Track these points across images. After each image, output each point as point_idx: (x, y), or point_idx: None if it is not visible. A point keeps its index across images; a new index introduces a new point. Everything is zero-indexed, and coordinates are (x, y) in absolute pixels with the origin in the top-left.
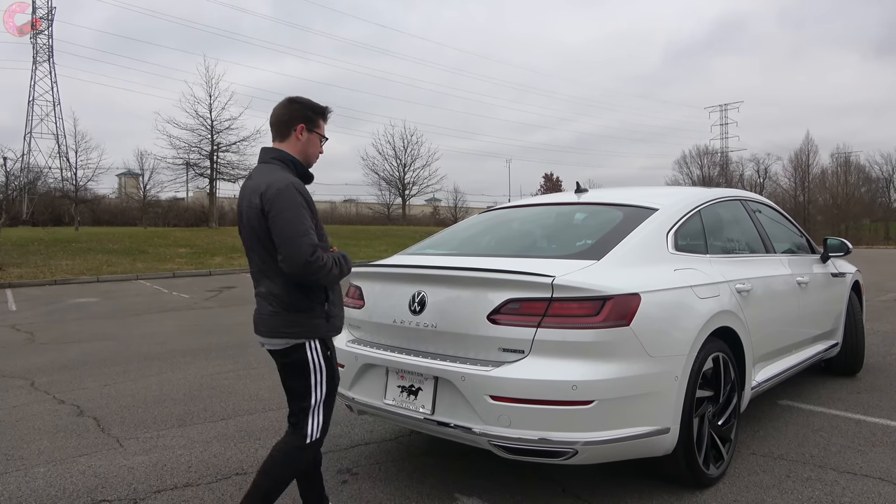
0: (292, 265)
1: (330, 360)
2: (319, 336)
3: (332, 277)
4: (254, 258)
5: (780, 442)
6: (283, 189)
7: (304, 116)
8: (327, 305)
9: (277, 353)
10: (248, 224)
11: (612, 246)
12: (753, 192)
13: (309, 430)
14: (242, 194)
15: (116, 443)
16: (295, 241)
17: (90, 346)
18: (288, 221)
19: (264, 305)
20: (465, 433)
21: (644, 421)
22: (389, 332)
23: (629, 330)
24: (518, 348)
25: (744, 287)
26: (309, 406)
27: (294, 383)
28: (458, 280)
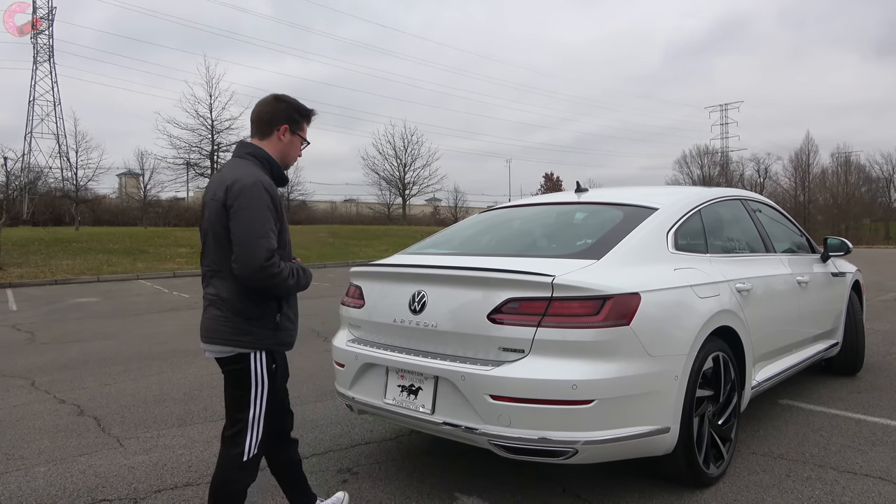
0: (245, 268)
1: (274, 375)
2: (266, 348)
3: (287, 288)
4: (208, 255)
5: (781, 441)
6: (249, 186)
7: (289, 117)
8: (279, 317)
9: (222, 360)
10: (209, 218)
11: (612, 245)
12: (754, 192)
13: (247, 445)
14: (208, 187)
15: (117, 442)
16: (251, 243)
17: (91, 345)
18: (248, 220)
19: (211, 309)
20: (465, 433)
21: (644, 420)
22: (389, 331)
23: (629, 329)
24: (518, 347)
25: (744, 286)
26: (246, 419)
27: (233, 394)
28: (458, 279)
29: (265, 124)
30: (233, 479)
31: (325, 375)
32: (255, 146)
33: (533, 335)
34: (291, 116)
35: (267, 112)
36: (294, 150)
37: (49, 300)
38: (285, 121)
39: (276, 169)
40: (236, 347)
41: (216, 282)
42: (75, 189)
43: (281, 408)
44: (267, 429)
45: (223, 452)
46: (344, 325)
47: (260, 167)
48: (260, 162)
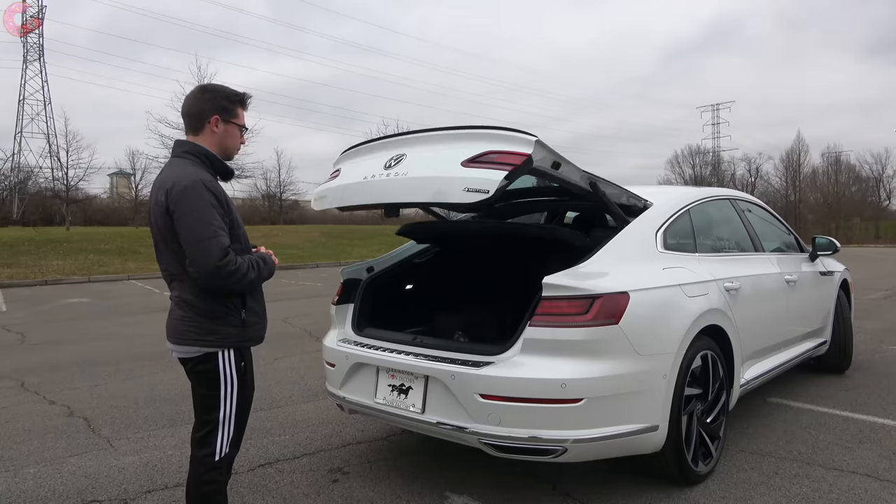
0: (200, 271)
1: (243, 373)
2: (233, 345)
3: (249, 282)
4: (163, 260)
5: (769, 439)
6: (189, 186)
7: (219, 106)
8: (244, 313)
9: (188, 361)
10: (155, 224)
11: (601, 244)
12: (743, 192)
13: (217, 445)
14: (151, 191)
15: (107, 443)
16: (202, 245)
17: (81, 346)
18: (194, 223)
19: (176, 310)
20: (456, 432)
21: (633, 419)
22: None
23: (618, 328)
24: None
25: (732, 285)
26: (216, 419)
27: (203, 394)
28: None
29: (195, 118)
30: (207, 481)
31: (317, 375)
32: (192, 143)
33: (521, 334)
34: (220, 105)
35: (194, 105)
36: (232, 140)
37: (39, 301)
38: (215, 111)
39: (217, 163)
40: (203, 347)
41: (177, 284)
42: (66, 189)
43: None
44: (239, 427)
45: (194, 454)
46: (334, 325)
47: (199, 164)
48: (199, 159)
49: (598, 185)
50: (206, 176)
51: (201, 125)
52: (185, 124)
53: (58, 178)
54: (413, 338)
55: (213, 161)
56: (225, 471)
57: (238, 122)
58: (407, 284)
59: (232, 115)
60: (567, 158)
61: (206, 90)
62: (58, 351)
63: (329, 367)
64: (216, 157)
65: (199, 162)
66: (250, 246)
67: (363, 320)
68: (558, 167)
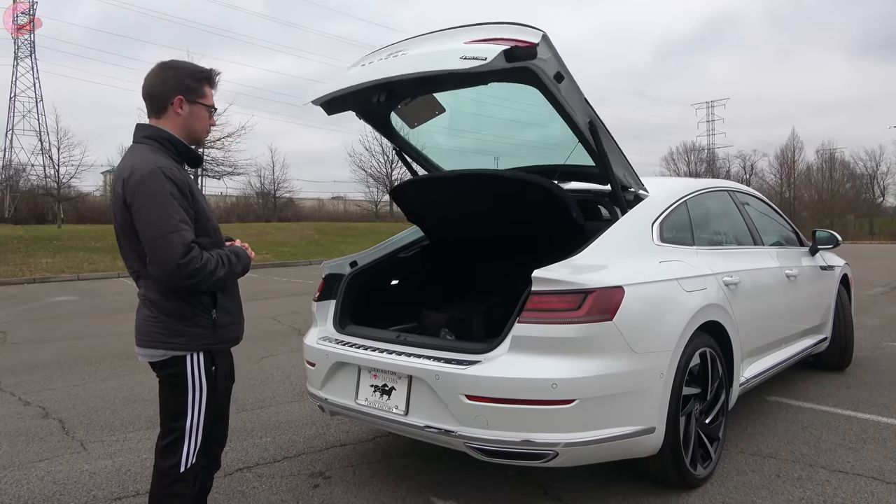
0: (161, 270)
1: (213, 378)
2: (203, 348)
3: (218, 280)
4: (127, 257)
5: (770, 440)
6: (146, 176)
7: (182, 86)
8: (215, 312)
9: (155, 364)
10: (116, 218)
11: (595, 236)
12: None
13: (184, 455)
14: (112, 182)
15: (80, 446)
16: (161, 241)
17: (63, 345)
18: (152, 216)
19: (142, 309)
20: (440, 435)
21: (628, 420)
22: None
23: (612, 325)
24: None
25: (731, 280)
26: (183, 427)
27: (169, 400)
28: None
29: (157, 100)
30: (171, 494)
31: (303, 374)
32: (153, 127)
33: (509, 331)
34: (184, 84)
35: (155, 85)
36: (199, 122)
37: (25, 299)
38: (178, 91)
39: (182, 149)
40: (170, 350)
41: (143, 282)
42: (57, 187)
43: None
44: (206, 436)
45: (157, 465)
46: (315, 323)
47: (161, 151)
48: (161, 144)
49: (597, 132)
50: (167, 163)
51: (164, 107)
52: (146, 106)
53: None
54: (397, 335)
55: (178, 146)
56: (191, 483)
57: (205, 102)
58: (392, 280)
59: (198, 94)
60: (573, 76)
61: (168, 67)
62: (38, 350)
63: (309, 366)
64: (181, 141)
65: (161, 148)
66: (222, 239)
67: (345, 317)
68: (561, 80)
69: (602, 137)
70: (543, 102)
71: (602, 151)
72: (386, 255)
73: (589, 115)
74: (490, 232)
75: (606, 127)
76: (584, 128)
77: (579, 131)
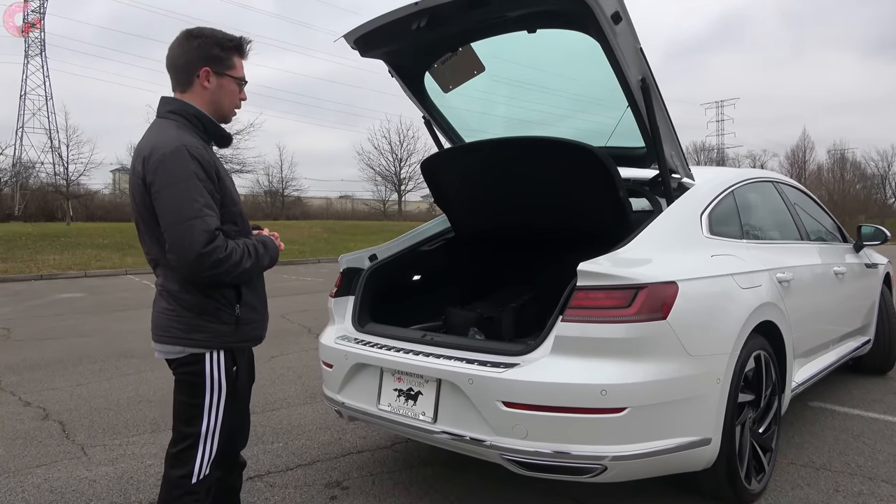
0: (181, 259)
1: (234, 380)
2: (224, 347)
3: (243, 273)
4: (144, 243)
5: (820, 450)
6: (169, 154)
7: (209, 56)
8: (239, 308)
9: (172, 362)
10: (135, 199)
11: (642, 227)
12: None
13: (196, 465)
14: (132, 160)
15: (80, 451)
16: (182, 227)
17: (68, 342)
18: (174, 200)
19: (160, 301)
20: (473, 445)
21: (682, 431)
22: None
23: (665, 324)
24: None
25: (784, 276)
26: (197, 434)
27: (184, 402)
28: None
29: (181, 72)
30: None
31: (315, 375)
32: (179, 101)
33: (552, 330)
34: (211, 54)
35: (179, 56)
36: (228, 96)
37: (31, 296)
38: (204, 62)
39: (210, 127)
40: (188, 347)
41: (161, 271)
42: (66, 184)
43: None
44: (222, 445)
45: (167, 474)
46: (332, 321)
47: (187, 128)
48: (187, 120)
49: (650, 94)
50: (193, 141)
51: (189, 80)
52: (170, 79)
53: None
54: (423, 335)
55: (206, 124)
56: (202, 496)
57: (234, 74)
58: (414, 275)
59: (226, 65)
60: (631, 19)
61: (193, 36)
62: (42, 348)
63: (326, 367)
64: (209, 118)
65: (188, 124)
66: (249, 227)
67: (365, 315)
68: (618, 21)
69: (654, 102)
70: (591, 66)
71: (653, 120)
72: (407, 249)
73: (642, 72)
74: (522, 218)
75: (660, 91)
76: (635, 87)
77: (630, 92)
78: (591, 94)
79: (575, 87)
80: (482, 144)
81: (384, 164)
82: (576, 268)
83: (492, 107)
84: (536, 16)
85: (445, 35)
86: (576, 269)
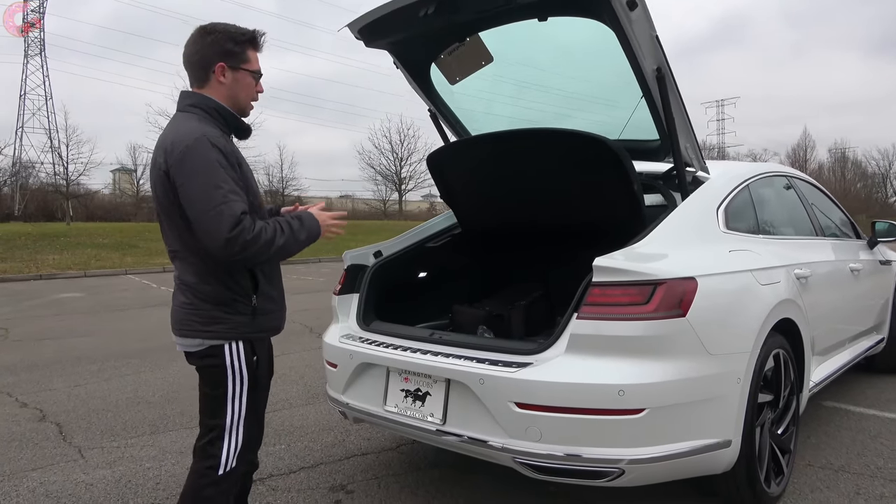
0: (211, 247)
1: (255, 369)
2: (242, 337)
3: (279, 250)
4: (165, 235)
5: (838, 451)
6: (191, 146)
7: (223, 52)
8: (256, 298)
9: (193, 355)
10: (155, 192)
11: (657, 222)
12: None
13: (224, 456)
14: (153, 153)
15: (78, 453)
16: (209, 216)
17: (66, 342)
18: (200, 189)
19: (178, 295)
20: (484, 448)
21: (702, 432)
22: None
23: (685, 322)
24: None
25: (802, 273)
26: (222, 425)
27: (207, 394)
28: None
29: (197, 68)
30: (205, 498)
31: (318, 375)
32: (199, 95)
33: (567, 328)
34: (226, 49)
35: (195, 53)
36: (245, 90)
37: (30, 295)
38: (219, 57)
39: (230, 119)
40: (207, 339)
41: (178, 264)
42: (66, 184)
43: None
44: (248, 435)
45: (194, 465)
46: (336, 319)
47: (208, 120)
48: (207, 114)
49: (665, 84)
50: (213, 132)
51: (205, 76)
52: (188, 76)
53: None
54: (430, 333)
55: (226, 116)
56: (228, 489)
57: (249, 67)
58: (420, 272)
59: (241, 59)
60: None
61: (207, 32)
62: (40, 348)
63: (330, 367)
64: (229, 111)
65: (208, 117)
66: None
67: (370, 313)
68: (633, 7)
69: (670, 92)
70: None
71: (668, 111)
72: (413, 245)
73: (658, 61)
74: (531, 213)
75: (676, 81)
76: (650, 77)
77: (644, 82)
78: (602, 87)
79: (585, 81)
80: (490, 137)
81: (385, 164)
82: (586, 264)
83: (500, 99)
84: (548, 2)
85: (453, 23)
86: (586, 265)
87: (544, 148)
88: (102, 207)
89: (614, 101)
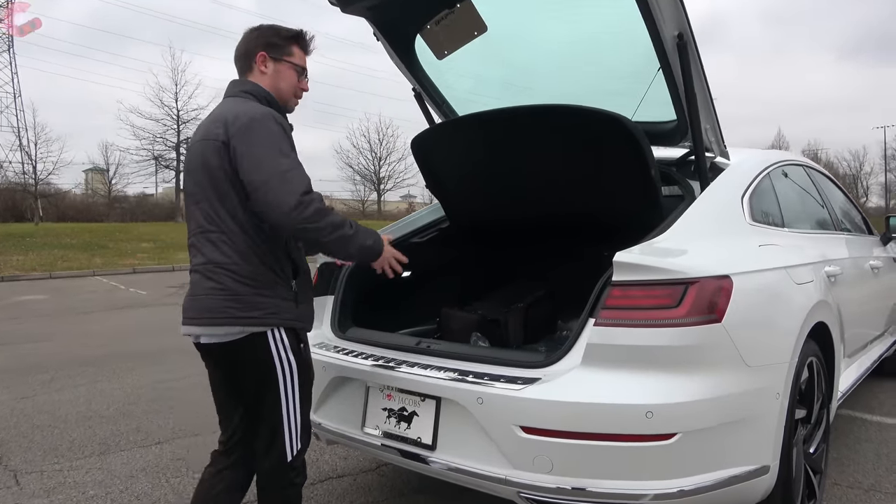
0: (280, 210)
1: (302, 356)
2: (285, 324)
3: (339, 240)
4: (196, 216)
5: (864, 467)
6: (257, 118)
7: (266, 43)
8: (295, 284)
9: (222, 348)
10: (202, 164)
11: (677, 213)
12: None
13: (287, 444)
14: (198, 130)
15: (12, 479)
16: (278, 178)
17: (20, 349)
18: (269, 155)
19: (202, 283)
20: (483, 480)
21: (738, 459)
22: None
23: (721, 328)
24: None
25: (832, 271)
26: (280, 418)
27: (252, 392)
28: None
29: (241, 59)
30: (283, 485)
31: None
32: (252, 82)
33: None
34: (269, 41)
35: (241, 46)
36: (286, 81)
37: None
38: (261, 48)
39: (277, 108)
40: (248, 326)
41: (207, 247)
42: (35, 183)
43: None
44: (305, 417)
45: (260, 466)
46: None
47: (262, 105)
48: (258, 101)
49: (687, 53)
50: (277, 113)
51: (248, 65)
52: (237, 71)
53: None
54: (417, 342)
55: (274, 105)
56: (301, 472)
57: (292, 60)
58: (404, 271)
59: (283, 52)
60: None
61: (256, 28)
62: None
63: None
64: (275, 100)
65: (261, 103)
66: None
67: (346, 318)
68: None
69: (692, 64)
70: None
71: (690, 87)
72: (396, 241)
73: (680, 26)
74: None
75: (698, 51)
76: (670, 45)
77: (663, 52)
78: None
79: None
80: (483, 116)
81: (363, 163)
82: (594, 260)
83: (493, 76)
84: None
85: None
86: (594, 261)
87: (546, 128)
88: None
89: (628, 75)
